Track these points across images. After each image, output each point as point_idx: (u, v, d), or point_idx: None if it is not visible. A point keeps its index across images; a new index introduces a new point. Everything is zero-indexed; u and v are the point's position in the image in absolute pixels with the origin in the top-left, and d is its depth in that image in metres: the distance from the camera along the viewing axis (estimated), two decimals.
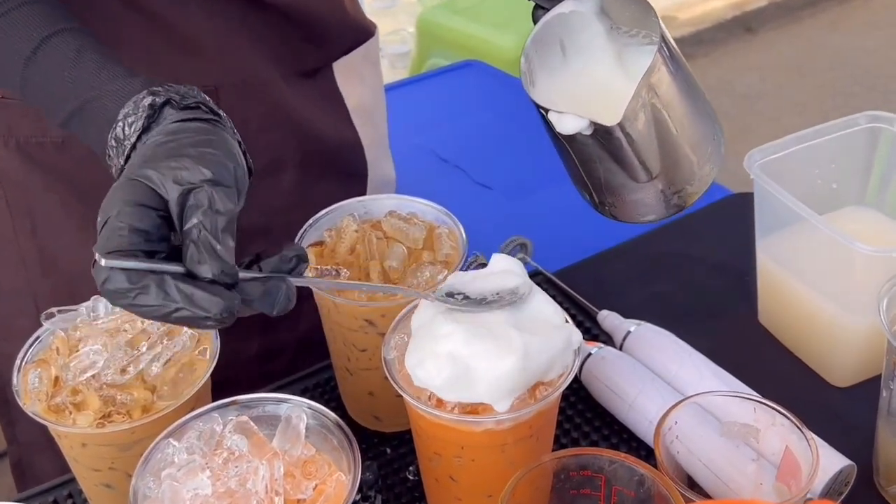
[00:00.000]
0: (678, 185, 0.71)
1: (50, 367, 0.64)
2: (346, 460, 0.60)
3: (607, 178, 0.70)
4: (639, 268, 0.96)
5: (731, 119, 3.04)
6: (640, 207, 0.73)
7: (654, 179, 0.70)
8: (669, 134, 0.68)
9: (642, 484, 0.60)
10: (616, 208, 0.74)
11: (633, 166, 0.68)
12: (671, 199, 0.72)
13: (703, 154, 0.72)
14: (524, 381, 0.62)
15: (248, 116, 0.83)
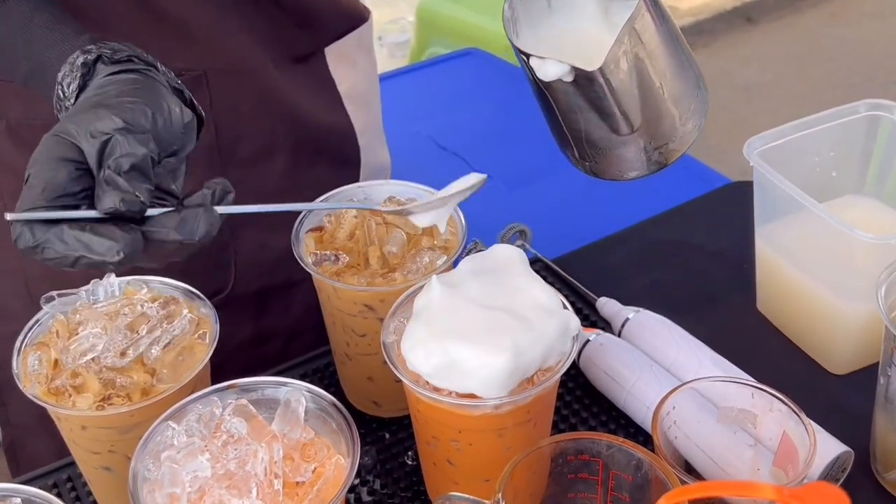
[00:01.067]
0: (660, 141, 0.70)
1: (50, 351, 0.65)
2: (344, 443, 0.60)
3: (588, 130, 0.69)
4: (638, 255, 0.96)
5: (731, 109, 3.04)
6: (622, 163, 0.72)
7: (636, 133, 0.69)
8: (652, 85, 0.67)
9: (640, 468, 0.60)
10: (597, 164, 0.73)
11: (615, 117, 0.67)
12: (652, 155, 0.71)
13: (686, 109, 0.71)
14: (517, 377, 0.62)
15: (237, 101, 0.83)
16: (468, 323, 0.63)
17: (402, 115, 1.41)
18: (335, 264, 0.73)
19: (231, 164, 0.85)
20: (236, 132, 0.84)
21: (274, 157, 0.88)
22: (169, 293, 0.69)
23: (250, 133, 0.85)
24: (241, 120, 0.84)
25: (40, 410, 0.88)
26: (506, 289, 0.65)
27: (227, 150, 0.84)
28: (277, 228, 0.89)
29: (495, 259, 0.68)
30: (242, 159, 0.86)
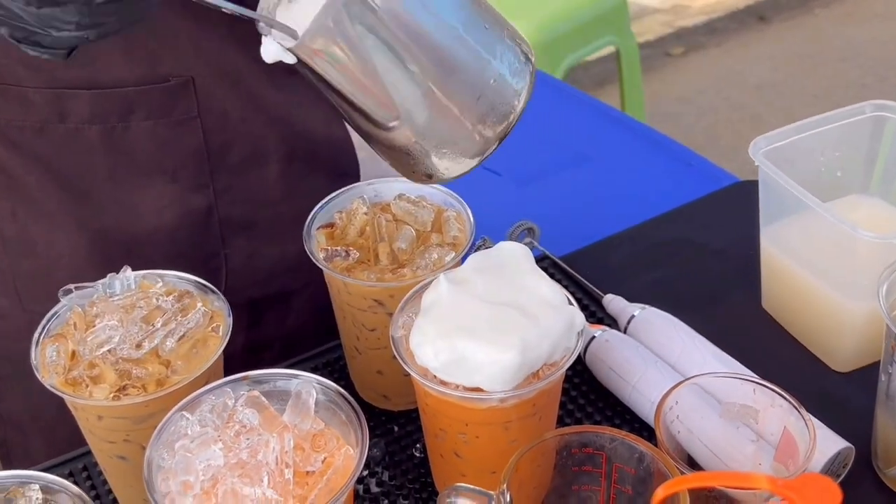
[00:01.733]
0: (435, 139, 0.59)
1: (67, 342, 0.66)
2: (354, 435, 0.61)
3: (353, 120, 0.61)
4: (644, 253, 0.97)
5: (743, 108, 3.04)
6: (405, 163, 0.62)
7: (399, 128, 0.58)
8: (398, 69, 0.56)
9: (642, 461, 0.62)
10: (389, 160, 0.64)
11: (359, 106, 0.58)
12: (439, 154, 0.60)
13: (469, 103, 0.58)
14: (523, 372, 0.63)
15: (226, 107, 0.83)
16: (476, 319, 0.64)
17: None
18: (346, 260, 0.74)
19: (220, 170, 0.85)
20: (225, 137, 0.84)
21: (266, 165, 0.87)
22: (183, 287, 0.71)
23: (239, 139, 0.85)
24: (229, 126, 0.84)
25: (35, 409, 0.89)
26: (512, 285, 0.66)
27: (216, 157, 0.84)
28: (270, 238, 0.90)
29: (502, 256, 0.69)
30: (233, 165, 0.85)
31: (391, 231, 0.76)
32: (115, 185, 0.83)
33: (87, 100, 0.78)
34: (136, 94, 0.79)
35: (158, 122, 0.80)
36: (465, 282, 0.67)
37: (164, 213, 0.84)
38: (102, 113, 0.79)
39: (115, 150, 0.81)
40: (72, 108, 0.79)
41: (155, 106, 0.80)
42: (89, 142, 0.80)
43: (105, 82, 0.78)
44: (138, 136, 0.81)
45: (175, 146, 0.82)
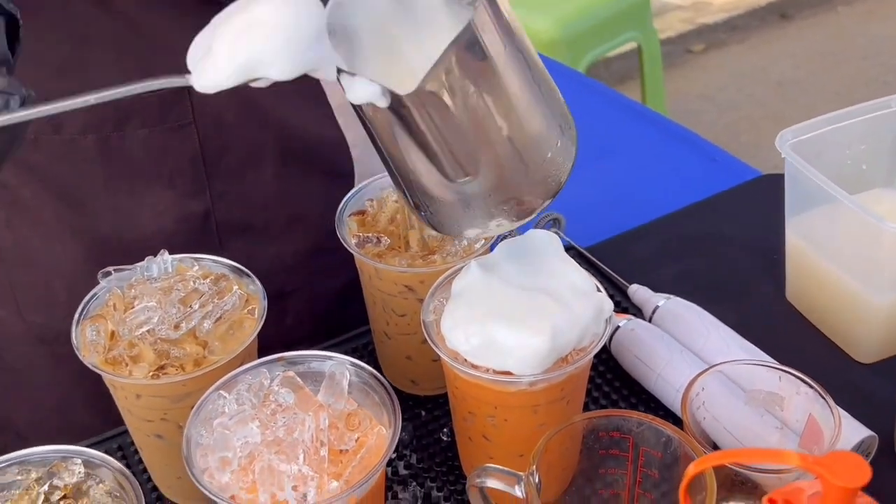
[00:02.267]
0: (503, 194, 0.60)
1: (107, 323, 0.68)
2: (386, 415, 0.63)
3: (416, 173, 0.59)
4: (669, 245, 0.98)
5: (764, 106, 3.04)
6: (459, 217, 0.61)
7: (472, 181, 0.58)
8: (490, 124, 0.56)
9: (669, 445, 0.63)
10: (433, 215, 0.63)
11: (441, 159, 0.57)
12: (495, 210, 0.61)
13: (539, 159, 0.59)
14: (553, 357, 0.64)
15: (221, 112, 0.83)
16: (507, 304, 0.65)
17: None
18: (377, 246, 0.76)
19: (216, 175, 0.85)
20: (221, 142, 0.84)
21: (261, 167, 0.87)
22: (219, 271, 0.72)
23: (235, 143, 0.85)
24: (224, 131, 0.84)
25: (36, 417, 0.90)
26: (542, 271, 0.68)
27: (213, 160, 0.84)
28: (267, 240, 0.90)
29: (531, 243, 0.70)
30: (228, 170, 0.86)
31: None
32: (111, 194, 0.83)
33: (82, 110, 0.78)
34: (130, 102, 0.78)
35: (153, 129, 0.81)
36: (496, 268, 0.68)
37: (162, 219, 0.84)
38: (97, 122, 0.79)
39: (111, 158, 0.81)
40: (66, 119, 0.79)
41: (149, 113, 0.80)
42: (84, 151, 0.80)
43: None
44: (134, 144, 0.81)
45: (171, 153, 0.82)
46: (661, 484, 0.64)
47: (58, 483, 0.59)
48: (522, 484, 0.61)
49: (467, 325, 0.64)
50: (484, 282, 0.67)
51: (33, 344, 0.89)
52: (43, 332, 0.88)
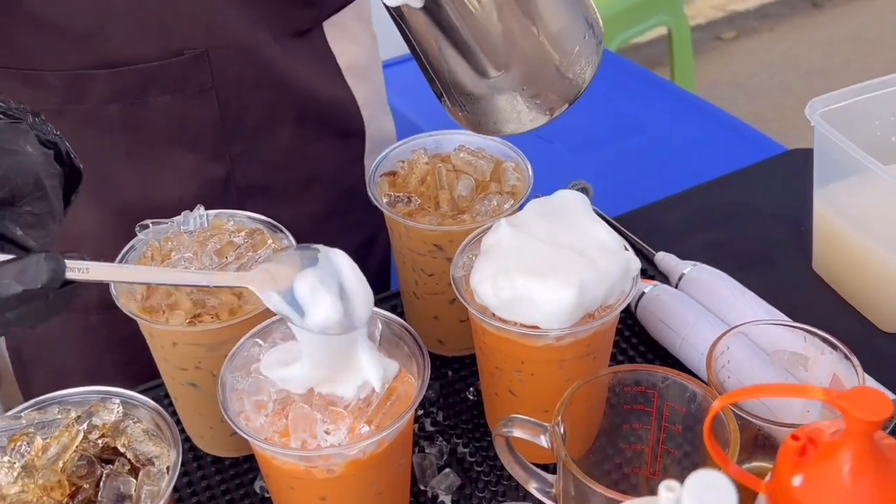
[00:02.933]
0: (536, 88, 0.63)
1: None
2: (415, 366, 0.64)
3: (452, 71, 0.63)
4: (696, 216, 0.99)
5: (794, 94, 3.01)
6: (496, 113, 0.65)
7: (505, 76, 0.61)
8: (518, 17, 0.60)
9: (693, 400, 0.63)
10: (470, 114, 0.66)
11: (476, 55, 0.60)
12: (530, 105, 0.64)
13: (569, 53, 0.62)
14: (580, 312, 0.65)
15: (239, 77, 0.84)
16: (535, 260, 0.66)
17: None
18: (407, 206, 0.77)
19: (236, 138, 0.87)
20: (239, 106, 0.86)
21: (278, 130, 0.89)
22: (254, 225, 0.74)
23: (253, 107, 0.87)
24: (243, 94, 0.85)
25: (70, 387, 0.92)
26: (571, 229, 0.69)
27: (232, 125, 0.86)
28: (284, 201, 0.91)
29: (560, 203, 0.71)
30: (247, 133, 0.87)
31: (451, 180, 0.79)
32: (134, 161, 0.85)
33: (105, 79, 0.80)
34: (152, 69, 0.81)
35: (175, 95, 0.82)
36: (525, 225, 0.69)
37: (184, 185, 0.86)
38: (120, 91, 0.81)
39: (134, 126, 0.83)
40: (90, 89, 0.80)
41: (171, 80, 0.82)
42: (108, 120, 0.82)
43: (121, 60, 0.80)
44: (156, 110, 0.82)
45: (192, 118, 0.84)
46: (685, 440, 0.65)
47: (96, 422, 0.61)
48: (548, 434, 0.62)
49: (496, 280, 0.66)
50: (513, 239, 0.68)
51: (61, 314, 0.90)
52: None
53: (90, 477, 0.57)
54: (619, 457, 0.69)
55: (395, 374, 0.62)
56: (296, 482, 0.61)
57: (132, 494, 0.57)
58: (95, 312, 0.90)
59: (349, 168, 0.98)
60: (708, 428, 0.47)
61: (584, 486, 0.58)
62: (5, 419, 0.61)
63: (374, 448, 0.60)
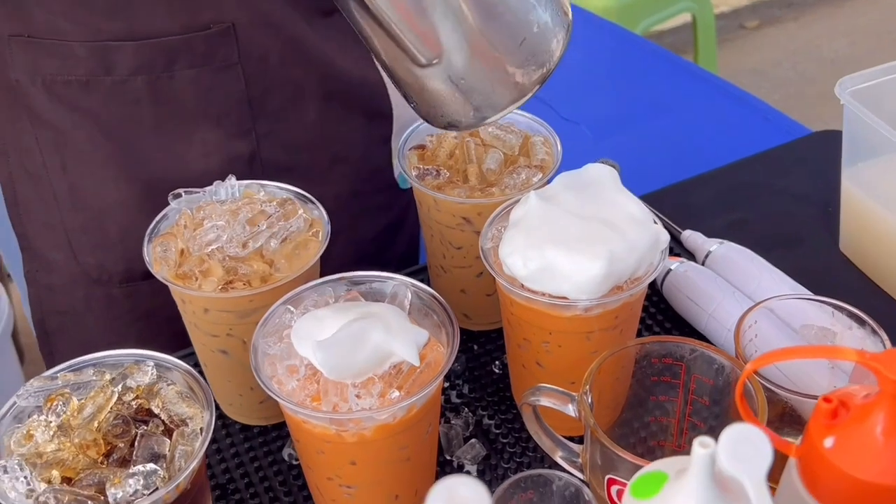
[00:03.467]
0: (476, 78, 0.60)
1: (177, 240, 0.70)
2: (445, 334, 0.65)
3: (391, 60, 0.61)
4: (722, 195, 0.99)
5: (817, 83, 3.00)
6: (440, 106, 0.63)
7: (438, 65, 0.59)
8: (443, 2, 0.57)
9: (721, 372, 0.64)
10: (419, 106, 0.65)
11: (401, 41, 0.58)
12: (474, 96, 0.61)
13: (511, 44, 0.59)
14: (609, 283, 0.66)
15: (266, 52, 0.84)
16: (565, 231, 0.67)
17: None
18: (436, 179, 0.77)
19: (262, 115, 0.87)
20: (266, 83, 0.86)
21: (304, 109, 0.89)
22: (284, 195, 0.75)
23: (279, 84, 0.87)
24: (269, 71, 0.85)
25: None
26: (600, 202, 0.69)
27: (258, 102, 0.86)
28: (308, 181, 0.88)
29: (589, 176, 0.72)
30: (273, 110, 0.87)
31: (480, 154, 0.79)
32: (160, 135, 0.85)
33: (132, 51, 0.80)
34: (178, 42, 0.81)
35: (201, 69, 0.82)
36: (554, 198, 0.69)
37: (209, 160, 0.86)
38: (147, 63, 0.81)
39: (160, 99, 0.83)
40: (117, 60, 0.81)
41: (197, 54, 0.82)
42: (135, 93, 0.82)
43: (148, 33, 0.80)
44: (182, 84, 0.83)
45: (218, 93, 0.84)
46: (712, 412, 0.66)
47: (130, 384, 0.62)
48: (575, 403, 0.62)
49: (525, 251, 0.66)
50: (542, 211, 0.68)
51: (87, 286, 0.91)
52: (97, 273, 0.90)
53: (125, 436, 0.58)
54: (644, 430, 0.69)
55: (426, 342, 0.62)
56: (326, 446, 0.62)
57: (166, 454, 0.58)
58: (119, 285, 0.91)
59: (375, 150, 0.98)
60: (740, 391, 0.47)
61: (611, 453, 0.59)
62: (41, 380, 0.62)
63: (404, 413, 0.60)
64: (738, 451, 0.35)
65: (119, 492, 0.55)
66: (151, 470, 0.56)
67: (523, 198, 0.70)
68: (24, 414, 0.61)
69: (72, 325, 0.95)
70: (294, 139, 0.90)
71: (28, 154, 0.87)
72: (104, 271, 0.90)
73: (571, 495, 0.61)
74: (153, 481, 0.56)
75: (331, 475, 0.64)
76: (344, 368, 0.59)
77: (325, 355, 0.58)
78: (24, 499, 0.56)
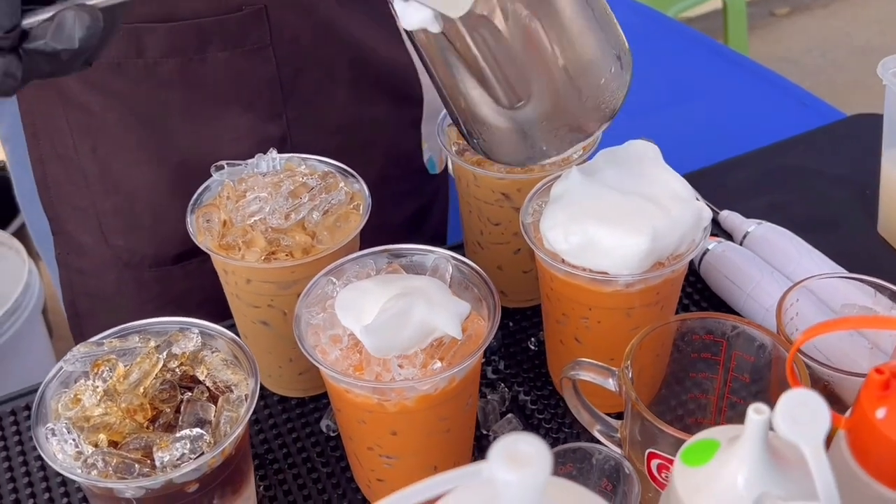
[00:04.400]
0: (557, 121, 0.61)
1: (220, 211, 0.71)
2: (486, 308, 0.65)
3: (469, 98, 0.60)
4: (760, 177, 0.99)
5: (847, 72, 2.97)
6: (511, 144, 0.63)
7: (524, 107, 0.59)
8: (542, 48, 0.57)
9: (763, 349, 0.64)
10: (485, 142, 0.64)
11: (493, 84, 0.58)
12: (548, 137, 0.62)
13: (594, 86, 0.60)
14: (652, 259, 0.66)
15: (297, 35, 0.84)
16: (607, 207, 0.67)
17: None
18: (476, 154, 0.77)
19: (292, 98, 0.87)
20: (297, 66, 0.86)
21: (334, 91, 0.89)
22: (326, 169, 0.75)
23: (310, 66, 0.86)
24: (301, 52, 0.85)
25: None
26: (642, 178, 0.69)
27: (289, 84, 0.86)
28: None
29: (631, 152, 0.72)
30: (303, 93, 0.87)
31: None
32: (191, 118, 0.85)
33: (164, 33, 0.80)
34: (211, 24, 0.81)
35: (233, 52, 0.82)
36: (596, 173, 0.69)
37: (241, 144, 0.86)
38: (179, 46, 0.81)
39: (192, 82, 0.83)
40: (149, 43, 0.81)
41: (229, 36, 0.82)
42: (166, 76, 0.82)
43: (180, 14, 0.80)
44: (214, 67, 0.83)
45: (249, 76, 0.84)
46: (752, 389, 0.66)
47: (176, 351, 0.62)
48: (616, 378, 0.63)
49: (567, 225, 0.66)
50: (584, 186, 0.68)
51: (118, 270, 0.92)
52: (127, 257, 0.91)
53: (172, 401, 0.59)
54: (681, 407, 0.69)
55: (467, 315, 0.63)
56: (368, 416, 0.62)
57: (211, 420, 0.59)
58: (149, 269, 0.91)
59: (405, 134, 0.98)
60: (790, 364, 0.47)
61: (652, 428, 0.59)
62: (88, 345, 0.63)
63: (446, 384, 0.61)
64: (796, 416, 0.35)
65: (166, 455, 0.56)
66: (198, 434, 0.57)
67: (564, 173, 0.70)
68: (71, 379, 0.62)
69: (102, 309, 0.96)
70: (324, 122, 0.90)
71: (59, 137, 0.87)
72: (135, 255, 0.90)
73: (611, 469, 0.61)
74: (199, 446, 0.57)
75: (371, 445, 0.64)
76: (390, 349, 0.59)
77: (373, 339, 0.59)
78: (73, 461, 0.57)
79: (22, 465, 0.74)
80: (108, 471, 0.56)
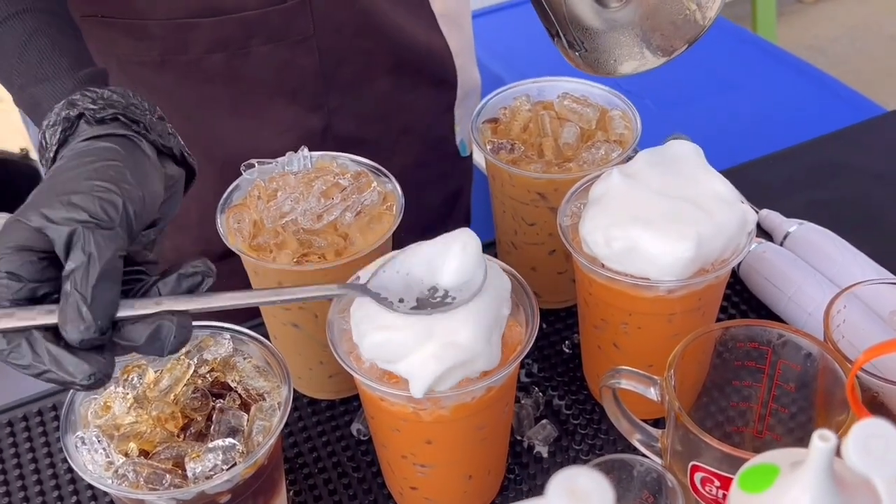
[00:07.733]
0: (658, 21, 0.62)
1: (250, 211, 0.69)
2: (523, 313, 0.63)
3: (571, 2, 0.62)
4: (798, 175, 0.96)
5: (877, 60, 2.92)
6: (615, 49, 0.63)
7: (626, 6, 0.61)
8: None
9: (810, 358, 0.62)
10: (587, 52, 0.65)
11: None
12: (652, 38, 0.63)
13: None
14: (695, 266, 0.63)
15: (340, 24, 0.84)
16: (649, 211, 0.64)
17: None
18: (511, 153, 0.75)
19: (334, 88, 0.86)
20: (338, 56, 0.85)
21: (375, 80, 0.89)
22: (358, 168, 0.73)
23: (351, 56, 0.86)
24: (343, 42, 0.85)
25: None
26: (685, 180, 0.67)
27: (331, 75, 0.85)
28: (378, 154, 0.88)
29: (672, 152, 0.69)
30: (345, 83, 0.87)
31: (555, 128, 0.77)
32: (235, 113, 0.84)
33: (208, 28, 0.80)
34: (255, 17, 0.80)
35: (277, 44, 0.82)
36: (637, 175, 0.67)
37: (284, 137, 0.85)
38: (223, 40, 0.80)
39: (236, 77, 0.82)
40: (193, 38, 0.80)
41: (273, 29, 0.81)
42: (210, 71, 0.82)
43: (225, 8, 0.79)
44: (257, 60, 0.82)
45: (292, 68, 0.83)
46: (796, 400, 0.64)
47: (207, 357, 0.61)
48: (658, 387, 0.61)
49: (609, 230, 0.64)
50: (625, 188, 0.66)
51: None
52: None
53: (203, 410, 0.58)
54: (721, 415, 0.68)
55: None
56: (402, 424, 0.61)
57: (244, 429, 0.57)
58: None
59: (440, 118, 0.98)
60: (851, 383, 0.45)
61: (697, 440, 0.57)
62: None
63: (483, 392, 0.59)
64: (870, 448, 0.34)
65: (198, 466, 0.55)
66: (230, 445, 0.55)
67: (604, 174, 0.68)
68: None
69: None
70: (365, 111, 0.90)
71: None
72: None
73: (653, 481, 0.59)
74: (232, 456, 0.55)
75: (405, 453, 0.63)
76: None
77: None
78: (103, 471, 0.56)
79: (49, 466, 0.73)
80: (138, 481, 0.54)
